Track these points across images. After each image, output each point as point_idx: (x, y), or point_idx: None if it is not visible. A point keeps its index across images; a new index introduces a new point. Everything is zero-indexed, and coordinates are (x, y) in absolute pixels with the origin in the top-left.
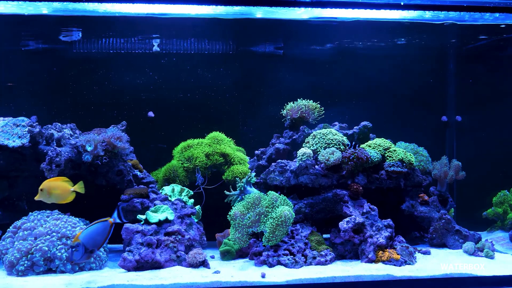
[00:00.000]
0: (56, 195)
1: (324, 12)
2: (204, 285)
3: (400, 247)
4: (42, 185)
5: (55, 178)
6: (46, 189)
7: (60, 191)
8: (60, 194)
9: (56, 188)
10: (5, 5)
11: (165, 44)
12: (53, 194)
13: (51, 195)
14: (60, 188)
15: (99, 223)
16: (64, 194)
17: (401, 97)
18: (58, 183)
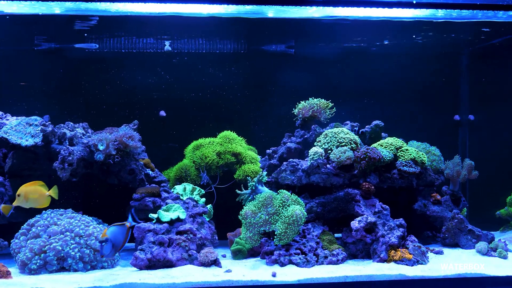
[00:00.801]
0: (33, 200)
1: (336, 11)
2: (216, 284)
3: (412, 247)
4: (19, 190)
5: (32, 183)
6: (23, 194)
7: (37, 195)
8: (37, 198)
9: (33, 192)
10: (18, 5)
11: (177, 43)
12: (30, 198)
13: (28, 200)
14: (37, 192)
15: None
16: (40, 198)
17: (413, 96)
18: (34, 187)
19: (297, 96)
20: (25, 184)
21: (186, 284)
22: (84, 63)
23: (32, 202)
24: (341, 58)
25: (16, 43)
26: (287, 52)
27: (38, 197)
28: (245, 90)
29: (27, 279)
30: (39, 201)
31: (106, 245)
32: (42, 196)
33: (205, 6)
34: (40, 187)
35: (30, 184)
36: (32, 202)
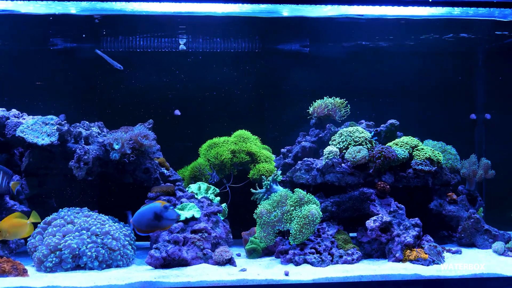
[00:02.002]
0: (15, 233)
1: (351, 9)
2: (230, 283)
3: (428, 246)
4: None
5: (9, 217)
6: (5, 230)
7: (20, 227)
8: (19, 231)
9: (13, 226)
10: (35, 5)
11: (192, 42)
12: (13, 232)
13: (11, 234)
14: (17, 225)
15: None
16: (23, 228)
17: (429, 94)
18: (13, 221)
19: (311, 95)
20: (3, 220)
21: (201, 283)
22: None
23: (16, 234)
24: (356, 57)
25: (32, 42)
26: (301, 51)
27: (21, 227)
28: (260, 89)
29: (43, 277)
30: (22, 231)
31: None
32: (23, 226)
33: (220, 5)
34: (18, 218)
35: (7, 219)
36: (16, 234)
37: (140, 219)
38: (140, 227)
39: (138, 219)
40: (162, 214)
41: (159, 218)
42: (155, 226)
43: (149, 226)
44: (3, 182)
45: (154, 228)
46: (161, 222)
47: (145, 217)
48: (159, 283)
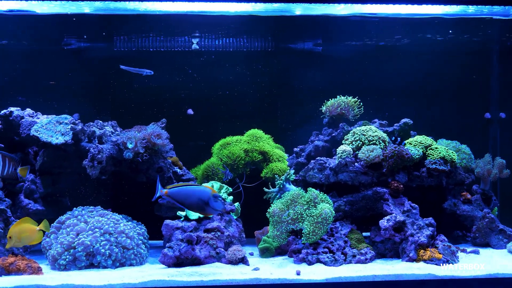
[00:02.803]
0: (26, 238)
1: (364, 8)
2: (243, 281)
3: (442, 246)
4: (10, 232)
5: (18, 222)
6: (16, 235)
7: (29, 233)
8: (30, 236)
9: (24, 231)
10: (49, 5)
11: (204, 42)
12: (23, 237)
13: (21, 239)
14: (28, 230)
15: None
16: (32, 235)
17: (443, 93)
18: (24, 226)
19: (324, 94)
20: (14, 225)
21: (214, 282)
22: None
23: (25, 240)
24: (369, 56)
25: (46, 42)
26: (314, 50)
27: (30, 234)
28: (273, 88)
29: (58, 275)
30: (32, 237)
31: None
32: (33, 232)
33: (233, 4)
34: (29, 224)
35: (18, 223)
36: (25, 240)
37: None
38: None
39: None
40: (209, 201)
41: (205, 204)
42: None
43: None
44: (10, 168)
45: (196, 210)
46: (206, 209)
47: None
48: (173, 282)
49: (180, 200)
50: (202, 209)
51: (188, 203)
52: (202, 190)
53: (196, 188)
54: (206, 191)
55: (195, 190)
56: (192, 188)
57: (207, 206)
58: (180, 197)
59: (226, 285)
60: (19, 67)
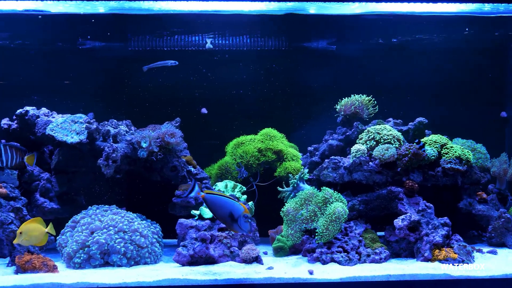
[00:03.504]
0: (34, 237)
1: (379, 6)
2: (257, 280)
3: (457, 246)
4: (21, 228)
5: (32, 220)
6: (26, 232)
7: (38, 233)
8: (38, 236)
9: (34, 230)
10: (64, 4)
11: (218, 41)
12: (32, 236)
13: (30, 238)
14: (38, 230)
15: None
16: (40, 235)
17: (458, 92)
18: (35, 225)
19: (338, 93)
20: (26, 222)
21: (228, 281)
22: (127, 61)
23: (33, 239)
24: (383, 55)
25: (61, 42)
26: (328, 49)
27: (38, 234)
28: (287, 87)
29: (73, 273)
30: (39, 238)
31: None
32: (41, 234)
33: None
34: (39, 225)
35: (30, 222)
36: (33, 239)
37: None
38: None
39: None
40: (238, 219)
41: (233, 220)
42: (226, 222)
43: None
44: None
45: (224, 222)
46: (233, 225)
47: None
48: (187, 281)
49: (212, 208)
50: (229, 225)
51: (218, 214)
52: (235, 206)
53: (231, 202)
54: (239, 208)
55: (229, 203)
56: (227, 201)
57: (234, 223)
58: (213, 205)
59: (240, 284)
60: (34, 67)
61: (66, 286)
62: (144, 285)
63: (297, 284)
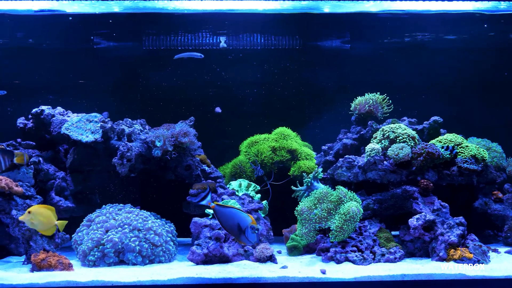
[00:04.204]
0: (40, 222)
1: (394, 5)
2: (271, 279)
3: (472, 246)
4: (31, 208)
5: (46, 206)
6: (34, 213)
7: (46, 220)
8: (45, 223)
9: (43, 215)
10: (79, 4)
11: (232, 40)
12: (40, 221)
13: (37, 222)
14: (47, 217)
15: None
16: (47, 223)
17: (473, 91)
18: (46, 211)
19: (352, 92)
20: (40, 205)
21: (242, 279)
22: (141, 61)
23: (38, 225)
24: (398, 53)
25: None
26: (342, 47)
27: (46, 221)
28: (300, 86)
29: (88, 271)
30: (46, 225)
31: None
32: (50, 222)
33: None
34: (51, 213)
35: (44, 207)
36: (39, 225)
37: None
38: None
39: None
40: (245, 231)
41: (240, 232)
42: (232, 233)
43: (229, 229)
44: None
45: (230, 233)
46: (240, 236)
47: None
48: (201, 279)
49: (220, 219)
50: (237, 236)
51: (226, 225)
52: (243, 217)
53: (239, 214)
54: (246, 219)
55: (237, 215)
56: (235, 212)
57: (242, 235)
58: (222, 216)
59: (255, 283)
60: (49, 66)
61: (81, 284)
62: (158, 284)
63: (311, 283)
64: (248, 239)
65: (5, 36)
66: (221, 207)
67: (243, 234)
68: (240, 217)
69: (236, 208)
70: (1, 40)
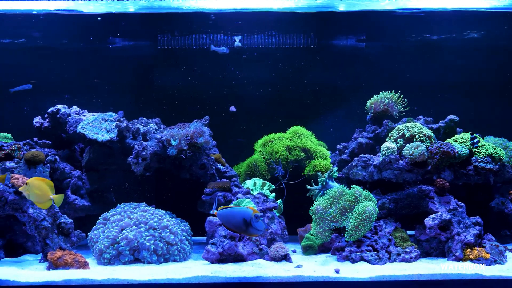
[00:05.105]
0: (35, 195)
1: (410, 3)
2: (286, 279)
3: (489, 246)
4: (29, 180)
5: (43, 179)
6: (30, 185)
7: (42, 193)
8: (39, 195)
9: (40, 189)
10: (95, 4)
11: (247, 39)
12: (35, 193)
13: (33, 194)
14: (44, 191)
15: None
16: (42, 196)
17: (490, 90)
18: (44, 186)
19: (367, 91)
20: (39, 178)
21: (257, 279)
22: (156, 60)
23: (34, 197)
24: (413, 51)
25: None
26: (357, 46)
27: (41, 194)
28: (315, 85)
29: (103, 269)
30: (41, 198)
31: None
32: (45, 195)
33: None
34: (48, 187)
35: (43, 180)
36: (35, 197)
37: (229, 219)
38: (227, 225)
39: (227, 218)
40: (251, 222)
41: (247, 225)
42: (241, 230)
43: (236, 228)
44: None
45: (240, 231)
46: (248, 229)
47: (234, 218)
48: (216, 278)
49: (225, 222)
50: (245, 231)
51: (233, 225)
52: (244, 211)
53: (239, 210)
54: (247, 211)
55: (238, 211)
56: (235, 210)
57: (249, 227)
58: (225, 219)
59: (269, 282)
60: (65, 66)
61: (97, 282)
62: (173, 282)
63: (327, 282)
64: (256, 228)
65: (22, 36)
66: (221, 211)
67: (250, 226)
68: (241, 212)
69: (234, 206)
70: (19, 40)
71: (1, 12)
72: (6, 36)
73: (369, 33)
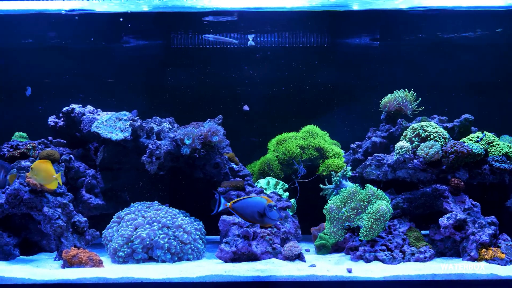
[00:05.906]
0: (42, 178)
1: (424, 1)
2: (300, 278)
3: (505, 246)
4: (33, 165)
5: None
6: (37, 170)
7: (47, 175)
8: (46, 178)
9: (45, 171)
10: (109, 3)
11: (260, 38)
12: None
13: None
14: (49, 172)
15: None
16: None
17: (505, 88)
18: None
19: (381, 90)
20: (44, 161)
21: (271, 278)
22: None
23: (40, 179)
24: (427, 50)
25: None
26: (371, 45)
27: (47, 176)
28: (329, 84)
29: (118, 267)
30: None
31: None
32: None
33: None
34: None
35: (47, 163)
36: (40, 179)
37: (245, 209)
38: (244, 216)
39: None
40: (265, 212)
41: (262, 215)
42: (257, 220)
43: (252, 218)
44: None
45: (256, 221)
46: (263, 219)
47: (250, 208)
48: (230, 277)
49: (240, 213)
50: (260, 221)
51: (247, 216)
52: (258, 201)
53: (254, 200)
54: (261, 201)
55: (252, 201)
56: (250, 200)
57: (264, 217)
58: (240, 210)
59: (283, 281)
60: (80, 65)
61: (111, 280)
62: (187, 281)
63: (340, 282)
64: (270, 218)
65: (37, 36)
66: (236, 203)
67: (265, 216)
68: (255, 202)
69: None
70: (33, 40)
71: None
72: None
73: (382, 31)
